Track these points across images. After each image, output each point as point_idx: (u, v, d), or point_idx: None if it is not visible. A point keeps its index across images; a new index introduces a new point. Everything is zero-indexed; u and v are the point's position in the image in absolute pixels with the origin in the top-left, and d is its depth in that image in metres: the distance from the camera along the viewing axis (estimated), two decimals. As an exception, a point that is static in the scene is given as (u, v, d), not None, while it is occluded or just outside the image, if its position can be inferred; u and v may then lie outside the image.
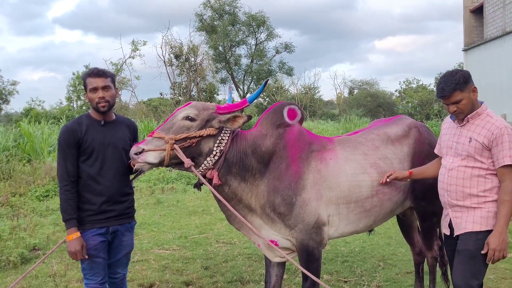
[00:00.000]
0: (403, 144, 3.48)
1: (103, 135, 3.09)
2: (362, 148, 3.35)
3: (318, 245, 3.17)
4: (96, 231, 3.05)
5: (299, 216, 3.10)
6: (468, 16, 20.96)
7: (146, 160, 2.92)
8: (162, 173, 11.71)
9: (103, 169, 3.06)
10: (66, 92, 32.35)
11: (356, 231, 3.41)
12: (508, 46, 16.35)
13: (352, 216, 3.26)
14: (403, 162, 3.42)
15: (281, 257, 3.31)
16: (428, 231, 3.80)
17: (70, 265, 5.11)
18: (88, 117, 3.13)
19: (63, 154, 3.01)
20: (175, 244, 6.09)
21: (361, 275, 4.84)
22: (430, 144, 3.53)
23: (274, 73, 32.83)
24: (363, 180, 3.24)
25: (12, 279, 4.79)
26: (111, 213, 3.09)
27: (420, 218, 3.75)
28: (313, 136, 3.37)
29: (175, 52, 26.28)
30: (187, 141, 3.00)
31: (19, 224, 6.62)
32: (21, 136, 13.92)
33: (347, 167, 3.23)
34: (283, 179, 3.11)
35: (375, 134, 3.50)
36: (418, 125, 3.64)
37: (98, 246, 3.05)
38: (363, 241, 6.07)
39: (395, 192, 3.37)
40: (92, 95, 3.04)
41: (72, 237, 2.95)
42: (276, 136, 3.18)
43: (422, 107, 35.97)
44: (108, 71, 3.15)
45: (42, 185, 9.75)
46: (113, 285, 3.27)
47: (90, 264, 3.06)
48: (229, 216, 3.25)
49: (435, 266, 3.96)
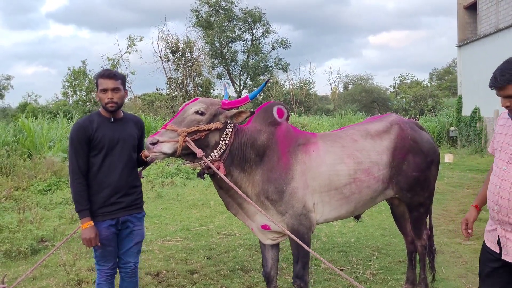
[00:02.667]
0: (383, 139, 3.77)
1: (113, 131, 3.30)
2: (341, 141, 3.67)
3: (308, 230, 3.47)
4: (108, 222, 3.27)
5: (289, 203, 3.42)
6: (462, 13, 21.20)
7: (162, 150, 3.13)
8: (161, 168, 11.94)
9: (112, 163, 3.27)
10: (62, 87, 32.27)
11: (339, 217, 3.71)
12: (501, 42, 16.62)
13: (334, 202, 3.56)
14: (382, 154, 3.71)
15: (272, 239, 3.65)
16: (416, 221, 4.08)
17: (78, 255, 5.33)
18: (99, 115, 3.34)
19: (74, 149, 3.20)
20: (178, 236, 6.32)
21: (356, 263, 5.09)
22: (414, 140, 3.83)
23: (270, 68, 33.01)
24: (341, 169, 3.54)
25: (24, 269, 5.01)
26: (120, 204, 3.30)
27: (407, 208, 4.07)
28: (298, 131, 3.71)
29: (171, 48, 26.33)
30: (197, 134, 3.23)
31: (25, 217, 6.83)
32: (20, 131, 14.03)
33: (327, 158, 3.55)
34: (275, 170, 3.44)
35: (356, 129, 3.85)
36: (400, 122, 3.90)
37: (109, 237, 3.28)
38: (358, 232, 6.32)
39: (373, 180, 3.65)
40: (102, 95, 3.25)
41: (86, 225, 3.17)
42: (269, 132, 3.50)
43: (416, 102, 36.30)
44: (119, 73, 3.35)
45: (44, 180, 9.94)
46: (125, 274, 3.47)
47: (103, 252, 3.30)
48: (228, 203, 3.58)
49: (425, 254, 4.20)
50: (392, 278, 4.62)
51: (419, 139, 3.88)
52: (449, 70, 46.23)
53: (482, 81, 18.31)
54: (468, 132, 19.30)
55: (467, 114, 19.87)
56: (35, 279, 4.73)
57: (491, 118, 17.71)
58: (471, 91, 19.77)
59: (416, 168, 3.81)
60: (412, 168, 3.79)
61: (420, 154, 3.84)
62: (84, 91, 29.82)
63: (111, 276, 3.36)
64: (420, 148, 3.85)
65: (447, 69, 46.91)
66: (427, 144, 3.93)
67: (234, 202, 3.55)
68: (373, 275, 4.73)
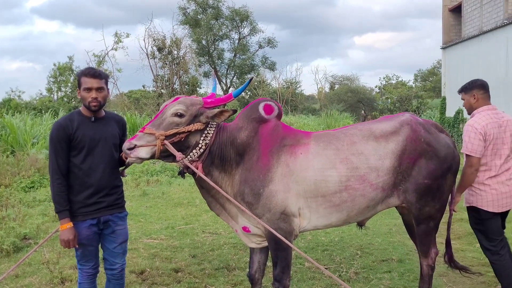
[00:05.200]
0: (388, 141, 3.39)
1: (94, 131, 3.25)
2: (336, 144, 3.36)
3: (287, 235, 3.25)
4: (88, 222, 3.24)
5: (266, 206, 3.25)
6: (447, 15, 21.46)
7: (138, 156, 3.12)
8: (146, 166, 11.87)
9: (93, 164, 3.23)
10: (47, 83, 31.84)
11: (330, 225, 3.46)
12: (485, 45, 16.85)
13: (321, 209, 3.32)
14: (384, 158, 3.34)
15: (256, 243, 3.53)
16: (423, 236, 3.64)
17: (62, 253, 5.30)
18: (79, 114, 3.29)
19: (54, 149, 3.16)
20: (162, 234, 6.31)
21: (340, 262, 5.15)
22: (428, 143, 3.42)
23: (257, 67, 32.98)
24: (330, 175, 3.26)
25: (6, 267, 4.96)
26: (101, 204, 3.27)
27: (415, 221, 3.61)
28: (289, 130, 3.46)
29: (158, 45, 26.17)
30: (176, 136, 3.18)
31: (8, 214, 6.76)
32: (3, 128, 13.85)
33: (316, 162, 3.28)
34: (253, 170, 3.28)
35: (358, 129, 3.48)
36: (412, 122, 3.48)
37: (90, 236, 3.26)
38: (342, 232, 6.38)
39: (370, 188, 3.32)
40: (86, 94, 3.20)
41: (65, 226, 3.13)
42: (250, 129, 3.35)
43: (401, 103, 36.61)
44: (103, 72, 3.32)
45: (27, 177, 9.82)
46: (112, 276, 3.43)
47: (84, 252, 3.28)
48: (210, 202, 3.50)
49: (431, 276, 3.75)
50: (374, 277, 4.67)
51: (434, 142, 3.46)
52: (433, 72, 46.69)
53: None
54: (451, 133, 19.55)
55: (450, 115, 20.13)
56: (18, 277, 4.69)
57: (474, 119, 17.93)
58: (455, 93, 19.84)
59: (429, 175, 3.40)
60: (423, 175, 3.39)
61: (434, 160, 3.42)
62: (69, 88, 29.48)
63: (93, 275, 3.34)
64: (436, 152, 3.43)
65: (432, 70, 47.38)
66: (445, 149, 3.49)
67: (217, 202, 3.48)
68: (356, 273, 4.78)
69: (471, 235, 5.97)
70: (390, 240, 6.01)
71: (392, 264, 5.05)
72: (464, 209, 4.02)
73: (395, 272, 4.78)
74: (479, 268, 4.84)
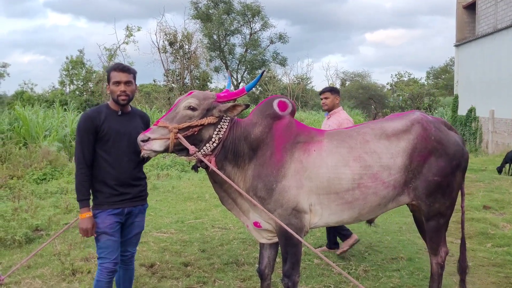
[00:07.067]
0: (400, 139, 3.41)
1: (120, 125, 3.34)
2: (350, 142, 3.38)
3: (297, 231, 3.26)
4: (112, 211, 3.30)
5: (278, 202, 3.27)
6: (461, 12, 21.27)
7: (152, 148, 3.14)
8: (156, 160, 11.93)
9: (118, 156, 3.31)
10: (59, 76, 32.02)
11: (342, 221, 3.48)
12: (499, 43, 16.68)
13: (334, 206, 3.34)
14: (396, 157, 3.37)
15: (267, 238, 3.55)
16: (433, 232, 3.64)
17: (73, 245, 5.36)
18: (107, 107, 3.38)
19: (81, 139, 3.25)
20: (172, 228, 6.35)
21: (349, 260, 5.15)
22: (438, 141, 3.43)
23: (268, 63, 32.97)
24: (343, 172, 3.28)
25: (18, 257, 5.03)
26: (126, 195, 3.34)
27: (424, 217, 3.62)
28: (302, 128, 3.48)
29: (169, 39, 26.27)
30: (190, 130, 3.20)
31: (20, 205, 6.84)
32: (16, 120, 13.99)
33: (329, 159, 3.30)
34: (267, 166, 3.30)
35: (370, 128, 3.50)
36: (423, 121, 3.49)
37: (113, 225, 3.29)
38: (352, 229, 6.34)
39: (382, 186, 3.34)
40: (115, 88, 3.29)
41: (85, 215, 3.20)
42: (264, 125, 3.37)
43: (412, 100, 36.40)
44: (132, 68, 3.40)
45: (40, 169, 9.93)
46: (122, 262, 3.51)
47: (106, 242, 3.28)
48: (222, 197, 3.52)
49: (440, 275, 3.75)
50: (384, 275, 4.66)
51: (445, 140, 3.47)
52: (446, 69, 46.29)
53: (479, 81, 18.39)
54: (463, 131, 19.40)
55: (462, 113, 19.96)
56: (30, 268, 4.75)
57: (486, 118, 17.81)
58: (467, 91, 19.85)
59: (439, 172, 3.41)
60: (433, 172, 3.41)
61: (444, 157, 3.43)
62: (81, 81, 29.67)
63: (112, 273, 3.31)
64: (445, 150, 3.44)
65: (444, 68, 46.96)
66: (454, 146, 3.50)
67: (228, 197, 3.50)
68: (366, 271, 4.77)
69: (482, 235, 5.95)
70: (399, 238, 5.99)
71: (401, 262, 5.04)
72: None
73: (405, 270, 4.78)
74: (490, 268, 4.82)
